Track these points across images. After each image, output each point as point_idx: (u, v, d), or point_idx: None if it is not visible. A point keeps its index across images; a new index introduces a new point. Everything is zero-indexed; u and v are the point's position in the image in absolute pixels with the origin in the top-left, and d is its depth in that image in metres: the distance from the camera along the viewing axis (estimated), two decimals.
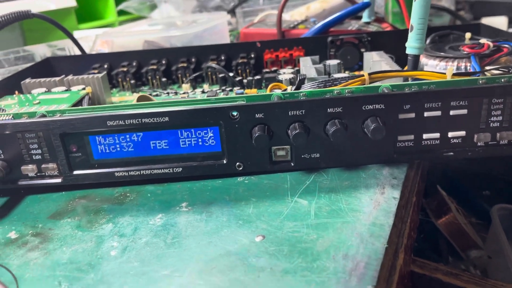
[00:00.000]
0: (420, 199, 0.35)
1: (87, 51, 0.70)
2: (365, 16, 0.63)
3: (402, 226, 0.29)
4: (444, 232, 0.43)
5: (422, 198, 0.40)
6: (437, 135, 0.33)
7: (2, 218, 0.33)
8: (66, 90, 0.47)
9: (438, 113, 0.32)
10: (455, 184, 0.48)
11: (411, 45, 0.37)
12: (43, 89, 0.48)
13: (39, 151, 0.35)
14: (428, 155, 0.34)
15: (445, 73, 0.35)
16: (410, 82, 0.36)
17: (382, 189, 0.31)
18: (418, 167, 0.35)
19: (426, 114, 0.32)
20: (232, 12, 0.90)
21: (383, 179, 0.32)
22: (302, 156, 0.34)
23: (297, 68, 0.51)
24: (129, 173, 0.35)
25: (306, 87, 0.37)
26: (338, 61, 0.45)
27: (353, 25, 0.64)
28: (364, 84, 0.36)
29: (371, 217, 0.28)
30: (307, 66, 0.45)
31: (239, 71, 0.54)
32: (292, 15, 0.73)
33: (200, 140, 0.35)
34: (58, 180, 0.36)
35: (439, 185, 0.46)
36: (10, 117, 0.36)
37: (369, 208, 0.29)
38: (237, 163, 0.35)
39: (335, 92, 0.34)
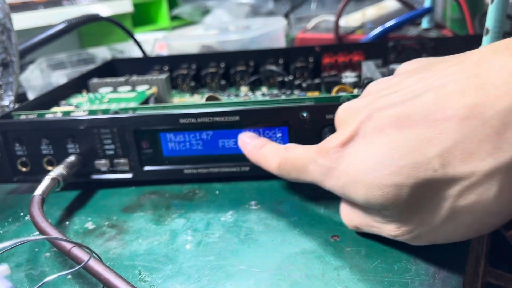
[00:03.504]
0: None
1: (147, 54, 0.72)
2: (425, 22, 0.62)
3: None
4: None
5: None
6: None
7: (78, 209, 0.34)
8: (132, 90, 0.48)
9: None
10: None
11: None
12: (110, 88, 0.50)
13: (112, 146, 0.36)
14: None
15: None
16: None
17: None
18: None
19: None
20: (284, 17, 0.91)
21: None
22: None
23: (357, 73, 0.51)
24: (198, 171, 0.36)
25: None
26: None
27: (411, 31, 0.63)
28: None
29: None
30: (371, 69, 0.44)
31: (297, 75, 0.54)
32: (347, 21, 0.73)
33: None
34: (129, 176, 0.37)
35: None
36: (86, 113, 0.37)
37: None
38: None
39: None
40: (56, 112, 0.38)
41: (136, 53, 0.73)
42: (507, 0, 0.34)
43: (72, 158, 0.36)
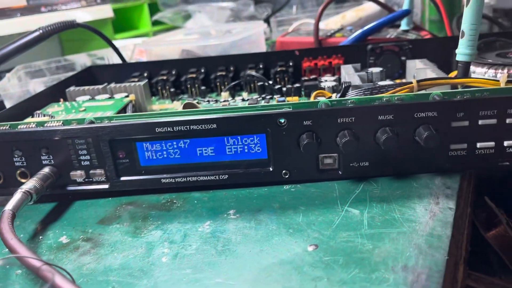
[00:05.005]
0: (472, 211, 0.34)
1: (126, 60, 0.71)
2: (404, 24, 0.62)
3: (460, 238, 0.28)
4: (494, 246, 0.41)
5: None
6: (492, 144, 0.32)
7: (53, 222, 0.33)
8: (110, 98, 0.47)
9: (494, 121, 0.31)
10: (503, 196, 0.47)
11: (462, 52, 0.36)
12: (87, 97, 0.49)
13: (88, 157, 0.35)
14: (482, 164, 0.33)
15: (496, 80, 0.35)
16: (460, 89, 0.35)
17: (436, 199, 0.30)
18: (470, 177, 0.34)
19: (480, 122, 0.31)
20: (265, 21, 0.90)
21: (436, 188, 0.31)
22: (351, 164, 0.34)
23: (337, 76, 0.51)
24: (176, 180, 0.35)
25: (352, 94, 0.37)
26: (381, 68, 0.45)
27: (391, 33, 0.63)
28: (412, 92, 0.35)
29: (428, 227, 0.27)
30: (350, 73, 0.44)
31: (278, 79, 0.54)
32: (327, 24, 0.73)
33: (246, 147, 0.35)
34: (106, 186, 0.36)
35: (487, 196, 0.44)
36: (60, 123, 0.36)
37: (425, 219, 0.28)
38: (283, 171, 0.34)
39: (384, 99, 0.33)
40: (30, 122, 0.37)
41: (117, 60, 0.72)
42: (482, 3, 0.34)
43: (46, 170, 0.35)
